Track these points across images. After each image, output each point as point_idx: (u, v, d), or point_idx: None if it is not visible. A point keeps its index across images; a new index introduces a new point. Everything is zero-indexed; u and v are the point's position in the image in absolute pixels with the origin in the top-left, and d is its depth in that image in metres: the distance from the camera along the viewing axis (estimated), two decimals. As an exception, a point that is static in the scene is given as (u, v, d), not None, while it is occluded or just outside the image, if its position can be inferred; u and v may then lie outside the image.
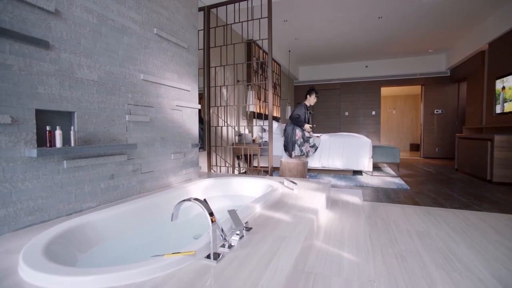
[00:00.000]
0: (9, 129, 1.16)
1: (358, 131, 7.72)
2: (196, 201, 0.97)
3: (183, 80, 2.37)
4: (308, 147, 4.31)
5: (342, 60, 7.50)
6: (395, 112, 10.34)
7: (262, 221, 1.35)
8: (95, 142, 1.56)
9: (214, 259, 0.91)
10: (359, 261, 1.18)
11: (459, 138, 4.83)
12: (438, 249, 1.56)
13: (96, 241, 1.25)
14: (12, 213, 1.17)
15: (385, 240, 1.67)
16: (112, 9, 1.66)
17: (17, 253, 0.94)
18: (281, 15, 4.49)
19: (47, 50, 1.31)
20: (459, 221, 2.05)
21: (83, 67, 1.49)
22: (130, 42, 1.80)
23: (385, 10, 4.35)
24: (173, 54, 2.22)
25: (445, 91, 7.06)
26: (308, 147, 4.30)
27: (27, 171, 1.23)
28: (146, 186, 1.95)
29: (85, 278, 0.75)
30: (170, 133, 2.20)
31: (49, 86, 1.32)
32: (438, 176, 4.41)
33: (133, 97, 1.83)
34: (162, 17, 2.10)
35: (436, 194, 3.09)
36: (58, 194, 1.36)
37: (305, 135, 4.29)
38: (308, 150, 4.31)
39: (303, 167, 3.24)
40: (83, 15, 1.48)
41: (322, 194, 1.92)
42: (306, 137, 4.29)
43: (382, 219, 2.08)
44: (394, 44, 6.14)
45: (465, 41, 5.70)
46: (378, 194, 3.12)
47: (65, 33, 1.39)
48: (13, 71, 1.18)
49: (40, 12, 1.28)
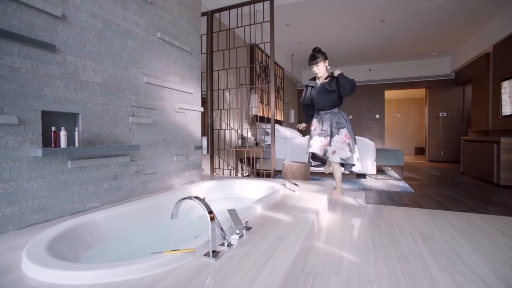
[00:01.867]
0: (16, 129, 1.19)
1: (362, 134, 7.68)
2: (196, 199, 0.98)
3: (186, 83, 2.40)
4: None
5: (345, 63, 7.51)
6: (400, 116, 10.27)
7: (262, 221, 1.35)
8: (99, 143, 1.59)
9: (212, 257, 0.92)
10: (359, 262, 1.17)
11: (464, 141, 4.77)
12: (442, 251, 1.54)
13: (98, 240, 1.27)
14: (17, 212, 1.20)
15: (387, 242, 1.66)
16: (117, 14, 1.71)
17: (21, 250, 0.96)
18: (283, 19, 4.53)
19: (53, 53, 1.35)
20: (464, 224, 2.01)
21: (88, 69, 1.53)
22: (134, 46, 1.84)
23: (388, 13, 4.36)
24: (176, 58, 2.26)
25: (450, 94, 7.00)
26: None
27: (32, 170, 1.26)
28: (149, 187, 1.97)
29: (86, 273, 0.77)
30: (173, 135, 2.22)
31: (55, 88, 1.36)
32: (443, 179, 4.35)
33: (137, 99, 1.86)
34: (166, 21, 2.15)
35: (441, 197, 3.05)
36: (62, 194, 1.39)
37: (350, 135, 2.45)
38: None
39: (305, 170, 3.23)
40: (88, 19, 1.53)
41: (324, 196, 1.91)
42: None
43: (385, 221, 2.06)
44: (397, 47, 6.14)
45: (469, 43, 5.66)
46: (381, 197, 3.09)
47: (71, 37, 1.44)
48: (21, 74, 1.22)
49: (47, 17, 1.32)
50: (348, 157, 2.36)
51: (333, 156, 2.38)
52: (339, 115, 2.46)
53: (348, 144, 2.38)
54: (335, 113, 2.46)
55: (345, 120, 2.44)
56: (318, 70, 2.43)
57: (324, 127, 2.44)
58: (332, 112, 2.46)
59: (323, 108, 2.50)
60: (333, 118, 2.44)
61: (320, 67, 2.42)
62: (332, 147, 2.38)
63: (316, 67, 2.42)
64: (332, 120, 2.43)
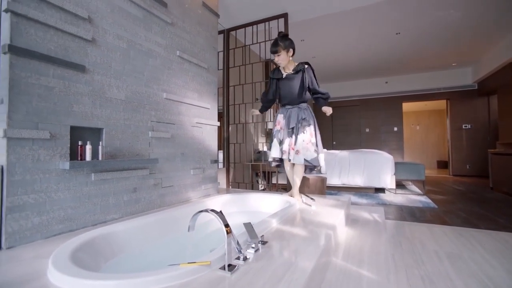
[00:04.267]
0: (47, 144, 1.29)
1: (380, 147, 7.46)
2: (212, 212, 0.99)
3: (203, 98, 2.49)
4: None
5: (361, 76, 7.46)
6: (419, 128, 9.93)
7: (278, 235, 1.33)
8: (120, 156, 1.67)
9: (228, 270, 0.91)
10: (379, 280, 1.12)
11: (492, 154, 4.51)
12: (472, 273, 1.44)
13: (118, 251, 1.30)
14: (45, 221, 1.27)
15: (410, 260, 1.57)
16: (140, 35, 1.83)
17: (47, 258, 1.01)
18: (298, 35, 4.63)
19: (83, 73, 1.46)
20: (496, 244, 1.88)
21: (112, 87, 1.63)
22: (155, 64, 1.95)
23: (403, 26, 4.34)
24: (194, 74, 2.36)
25: (473, 105, 6.71)
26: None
27: (60, 182, 1.33)
28: (166, 200, 2.01)
29: (107, 282, 0.79)
30: (190, 149, 2.28)
31: (83, 105, 1.46)
32: (469, 194, 4.10)
33: (156, 115, 1.95)
34: (184, 40, 2.27)
35: (468, 214, 2.86)
36: (85, 205, 1.45)
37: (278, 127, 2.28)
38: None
39: (321, 184, 3.17)
40: (115, 41, 1.65)
41: (341, 211, 1.86)
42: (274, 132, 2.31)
43: (406, 238, 1.96)
44: (414, 59, 6.04)
45: (493, 53, 5.48)
46: (402, 212, 2.95)
47: (99, 58, 1.55)
48: (54, 92, 1.32)
49: (79, 41, 1.44)
50: (313, 158, 2.09)
51: (297, 156, 2.10)
52: (307, 111, 2.19)
53: (313, 144, 2.12)
54: (303, 108, 2.19)
55: (312, 117, 2.19)
56: (279, 60, 2.14)
57: (292, 125, 2.15)
58: (300, 107, 2.19)
59: (290, 103, 2.23)
60: (300, 113, 2.16)
61: (282, 57, 2.12)
62: (296, 146, 2.11)
63: (277, 57, 2.12)
64: (299, 116, 2.15)
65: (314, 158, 2.09)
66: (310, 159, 2.08)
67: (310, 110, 2.23)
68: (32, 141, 1.23)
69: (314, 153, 2.10)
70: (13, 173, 1.16)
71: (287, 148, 2.15)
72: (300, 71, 2.16)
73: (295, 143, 2.13)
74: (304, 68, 2.15)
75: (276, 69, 2.27)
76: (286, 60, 2.15)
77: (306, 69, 2.15)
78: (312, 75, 2.16)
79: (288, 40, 2.10)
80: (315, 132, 2.16)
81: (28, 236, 1.21)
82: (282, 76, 2.22)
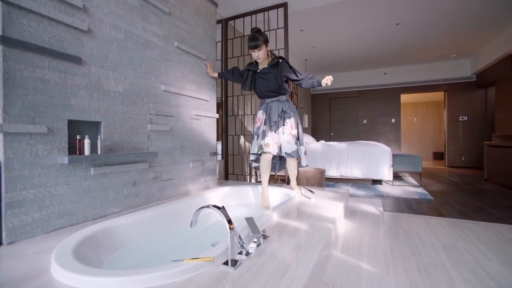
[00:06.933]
0: (45, 138, 1.26)
1: (377, 139, 7.50)
2: (215, 208, 0.99)
3: (202, 90, 2.45)
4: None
5: (359, 67, 7.40)
6: (416, 120, 9.96)
7: (279, 229, 1.34)
8: (119, 150, 1.65)
9: (231, 265, 0.92)
10: (378, 273, 1.14)
11: (488, 146, 4.56)
12: (467, 264, 1.47)
13: (119, 245, 1.31)
14: (45, 216, 1.26)
15: (407, 252, 1.60)
16: (137, 26, 1.78)
17: (49, 253, 1.01)
18: (297, 25, 4.54)
19: (79, 65, 1.42)
20: (491, 235, 1.92)
21: (110, 80, 1.59)
22: (152, 55, 1.90)
23: (403, 17, 4.28)
24: (192, 66, 2.32)
25: (470, 97, 6.73)
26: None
27: (59, 177, 1.32)
28: (166, 193, 2.01)
29: (110, 279, 0.79)
30: (189, 141, 2.27)
31: (80, 98, 1.43)
32: (465, 186, 4.17)
33: (155, 107, 1.92)
34: (183, 31, 2.21)
35: (464, 206, 2.92)
36: (85, 199, 1.44)
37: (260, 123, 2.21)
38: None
39: (320, 176, 3.19)
40: (111, 32, 1.60)
41: (340, 203, 1.88)
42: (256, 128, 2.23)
43: (403, 230, 2.00)
44: (413, 50, 5.99)
45: (492, 45, 5.45)
46: (399, 204, 3.00)
47: (95, 49, 1.51)
48: (50, 85, 1.29)
49: (75, 31, 1.39)
50: (294, 150, 2.06)
51: (283, 150, 2.08)
52: (287, 103, 2.16)
53: (294, 136, 2.09)
54: (282, 101, 2.15)
55: (293, 110, 2.16)
56: (260, 55, 2.06)
57: (274, 118, 2.10)
58: (280, 100, 2.15)
59: (268, 96, 2.17)
60: (281, 106, 2.13)
61: (263, 51, 2.06)
62: (280, 139, 2.09)
63: (257, 52, 2.04)
64: (280, 109, 2.12)
65: (294, 150, 2.06)
66: (291, 152, 2.05)
67: (290, 102, 2.19)
68: (29, 135, 1.21)
69: (295, 146, 2.07)
70: (11, 169, 1.15)
71: (271, 142, 2.08)
72: (275, 65, 2.12)
73: (279, 136, 2.10)
74: (278, 61, 2.12)
75: (252, 62, 2.22)
76: (265, 55, 2.10)
77: (281, 63, 2.11)
78: (287, 68, 2.13)
79: (264, 34, 2.07)
80: (297, 125, 2.13)
81: (29, 231, 1.20)
82: (258, 70, 2.17)
